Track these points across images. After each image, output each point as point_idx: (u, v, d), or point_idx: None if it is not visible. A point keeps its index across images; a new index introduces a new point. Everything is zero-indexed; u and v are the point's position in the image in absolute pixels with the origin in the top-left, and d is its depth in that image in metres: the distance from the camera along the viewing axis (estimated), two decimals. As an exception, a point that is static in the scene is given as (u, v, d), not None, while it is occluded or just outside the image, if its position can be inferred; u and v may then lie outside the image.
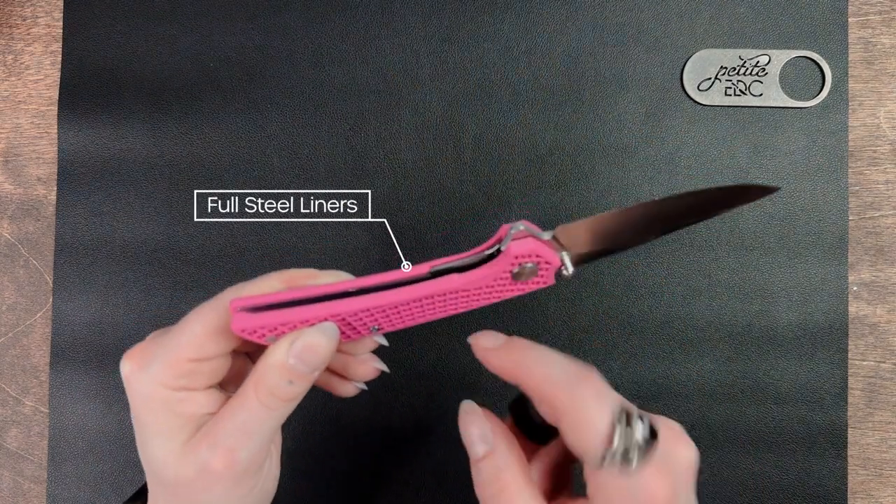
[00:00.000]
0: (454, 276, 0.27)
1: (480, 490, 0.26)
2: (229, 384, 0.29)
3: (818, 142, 0.42)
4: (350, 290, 0.27)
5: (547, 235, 0.28)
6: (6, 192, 0.45)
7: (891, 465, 0.42)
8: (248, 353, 0.30)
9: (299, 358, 0.26)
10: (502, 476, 0.26)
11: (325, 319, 0.26)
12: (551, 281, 0.28)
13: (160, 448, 0.26)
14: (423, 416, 0.42)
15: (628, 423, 0.24)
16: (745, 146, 0.42)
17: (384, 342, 0.31)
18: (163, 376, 0.26)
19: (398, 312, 0.28)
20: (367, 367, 0.31)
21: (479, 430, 0.27)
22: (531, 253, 0.27)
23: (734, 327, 0.42)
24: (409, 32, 0.43)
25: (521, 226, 0.27)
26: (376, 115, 0.43)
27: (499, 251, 0.27)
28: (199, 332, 0.26)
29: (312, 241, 0.43)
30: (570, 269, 0.28)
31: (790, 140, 0.42)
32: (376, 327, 0.28)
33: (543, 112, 0.43)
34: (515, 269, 0.27)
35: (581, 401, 0.24)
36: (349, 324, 0.27)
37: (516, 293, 0.29)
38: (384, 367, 0.31)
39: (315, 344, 0.26)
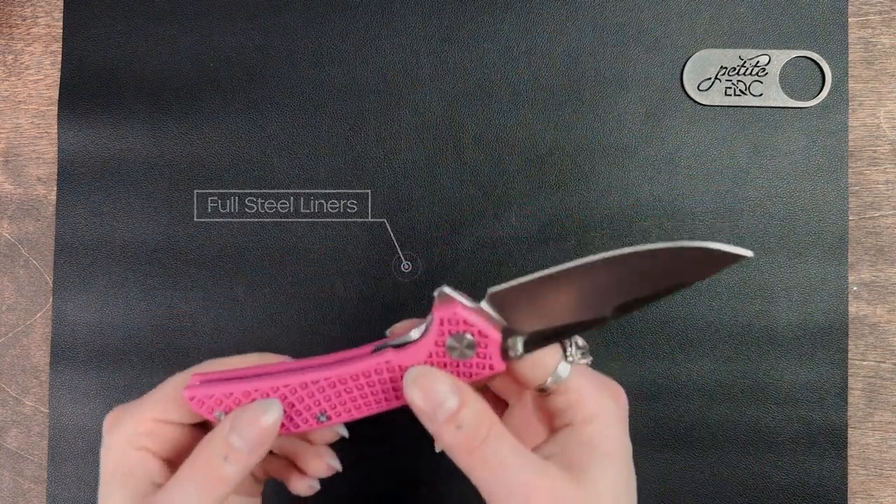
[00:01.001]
0: (389, 351, 0.26)
1: (463, 443, 0.24)
2: None
3: (818, 142, 0.42)
4: (294, 368, 0.27)
5: (476, 304, 0.25)
6: (6, 192, 0.45)
7: (891, 465, 0.42)
8: None
9: (238, 432, 0.25)
10: (485, 419, 0.25)
11: (268, 395, 0.26)
12: (499, 365, 0.26)
13: None
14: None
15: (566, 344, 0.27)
16: (745, 146, 0.42)
17: (344, 433, 0.30)
18: (129, 433, 0.27)
19: (339, 394, 0.26)
20: (321, 462, 0.30)
21: (445, 384, 0.25)
22: (455, 318, 0.25)
23: (734, 327, 0.42)
24: (409, 32, 0.43)
25: (446, 289, 0.25)
26: (376, 115, 0.43)
27: (431, 322, 0.26)
28: (166, 395, 0.27)
29: (312, 241, 0.43)
30: (519, 349, 0.25)
31: (790, 140, 0.42)
32: (323, 415, 0.27)
33: (543, 112, 0.43)
34: (448, 341, 0.25)
35: (532, 357, 0.26)
36: (293, 406, 0.27)
37: (465, 380, 0.26)
38: (338, 466, 0.30)
39: (254, 418, 0.25)
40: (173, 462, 0.28)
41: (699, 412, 0.42)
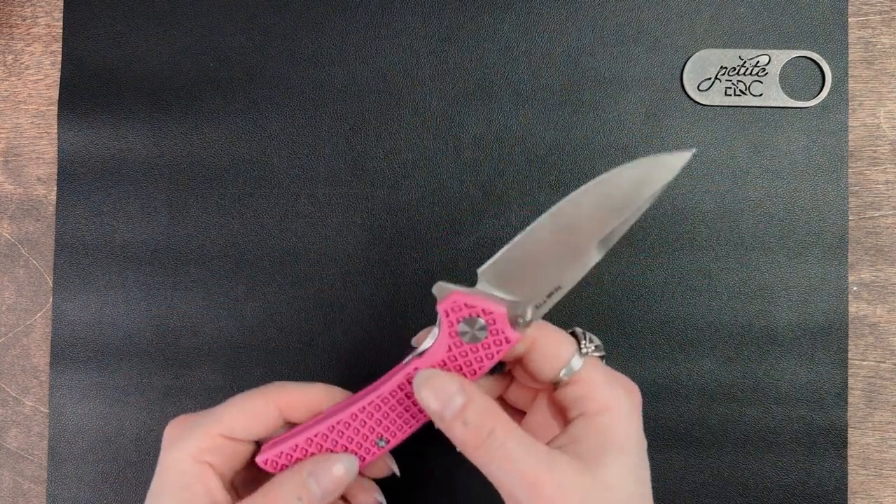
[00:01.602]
0: (414, 360, 0.28)
1: (470, 439, 0.25)
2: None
3: (818, 142, 0.42)
4: (344, 406, 0.28)
5: (471, 288, 0.27)
6: (6, 192, 0.45)
7: (891, 465, 0.42)
8: None
9: (315, 477, 0.27)
10: (489, 416, 0.26)
11: (327, 436, 0.28)
12: (513, 336, 0.27)
13: None
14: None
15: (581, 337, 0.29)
16: (745, 146, 0.42)
17: (396, 470, 0.31)
18: (193, 447, 0.27)
19: (387, 415, 0.28)
20: (369, 497, 0.31)
21: (453, 384, 0.26)
22: (456, 304, 0.27)
23: (734, 327, 0.42)
24: (409, 32, 0.43)
25: (441, 283, 0.27)
26: (376, 115, 0.43)
27: (440, 318, 0.27)
28: (235, 413, 0.28)
29: (312, 241, 0.43)
30: (528, 315, 0.27)
31: (790, 140, 0.42)
32: (382, 440, 0.28)
33: (543, 112, 0.43)
34: (461, 328, 0.27)
35: (545, 337, 0.28)
36: (352, 440, 0.28)
37: (489, 361, 0.27)
38: (383, 501, 0.31)
39: (333, 470, 0.27)
40: (230, 480, 0.28)
41: (699, 412, 0.42)
